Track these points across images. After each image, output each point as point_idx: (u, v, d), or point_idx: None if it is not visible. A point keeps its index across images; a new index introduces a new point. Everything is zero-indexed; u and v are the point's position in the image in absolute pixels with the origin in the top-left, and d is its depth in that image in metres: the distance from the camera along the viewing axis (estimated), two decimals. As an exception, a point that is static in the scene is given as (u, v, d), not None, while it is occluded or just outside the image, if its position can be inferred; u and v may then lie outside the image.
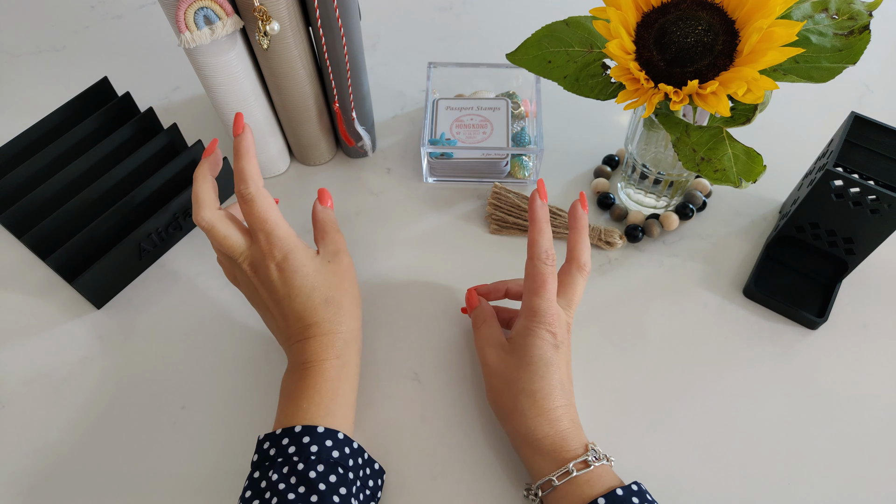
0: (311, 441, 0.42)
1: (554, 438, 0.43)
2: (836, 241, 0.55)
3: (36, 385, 0.53)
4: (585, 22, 0.50)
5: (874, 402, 0.51)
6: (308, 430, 0.42)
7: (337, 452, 0.42)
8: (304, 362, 0.46)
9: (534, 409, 0.44)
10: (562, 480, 0.42)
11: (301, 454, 0.41)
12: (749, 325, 0.55)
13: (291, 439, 0.42)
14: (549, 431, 0.44)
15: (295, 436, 0.42)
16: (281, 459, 0.41)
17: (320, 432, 0.42)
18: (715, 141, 0.46)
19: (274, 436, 0.43)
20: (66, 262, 0.53)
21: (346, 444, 0.43)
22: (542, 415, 0.44)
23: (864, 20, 0.43)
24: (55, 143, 0.57)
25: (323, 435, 0.42)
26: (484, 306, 0.52)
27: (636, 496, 0.41)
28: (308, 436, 0.42)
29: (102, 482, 0.48)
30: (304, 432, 0.42)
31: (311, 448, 0.41)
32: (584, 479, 0.42)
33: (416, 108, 0.71)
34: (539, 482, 0.43)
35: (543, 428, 0.44)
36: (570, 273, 0.48)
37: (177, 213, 0.58)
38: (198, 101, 0.72)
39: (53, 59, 0.76)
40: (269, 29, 0.50)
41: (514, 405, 0.44)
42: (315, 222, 0.52)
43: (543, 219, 0.47)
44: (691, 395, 0.52)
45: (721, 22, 0.43)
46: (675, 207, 0.61)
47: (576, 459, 0.42)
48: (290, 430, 0.42)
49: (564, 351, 0.46)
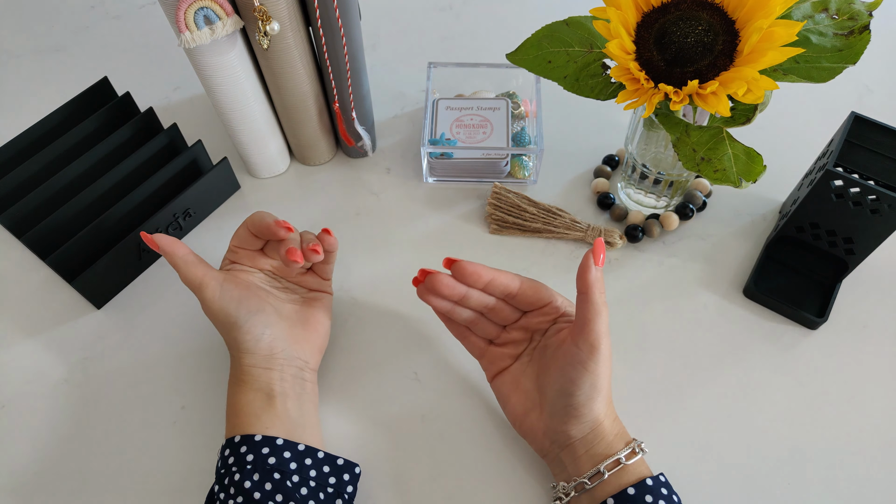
0: (248, 450, 0.43)
1: (618, 418, 0.45)
2: (836, 241, 0.55)
3: (36, 385, 0.53)
4: (585, 22, 0.50)
5: (874, 401, 0.51)
6: (245, 440, 0.44)
7: (273, 459, 0.43)
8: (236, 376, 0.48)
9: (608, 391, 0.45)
10: (630, 460, 0.43)
11: (239, 464, 0.43)
12: (749, 325, 0.55)
13: (231, 450, 0.44)
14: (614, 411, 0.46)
15: (234, 446, 0.44)
16: (223, 471, 0.44)
17: (257, 440, 0.44)
18: (715, 141, 0.46)
19: (221, 448, 0.45)
20: (66, 262, 0.53)
21: (286, 449, 0.44)
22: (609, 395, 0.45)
23: (864, 20, 0.43)
24: (55, 143, 0.57)
25: (260, 443, 0.44)
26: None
27: (664, 487, 0.43)
28: (245, 445, 0.44)
29: (102, 482, 0.48)
30: (242, 442, 0.44)
31: (248, 457, 0.43)
32: (640, 462, 0.43)
33: (416, 108, 0.71)
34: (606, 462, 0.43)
35: (611, 408, 0.45)
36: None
37: (177, 213, 0.58)
38: (198, 101, 0.72)
39: (53, 59, 0.76)
40: (269, 29, 0.50)
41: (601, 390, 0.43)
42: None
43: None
44: (691, 395, 0.52)
45: (721, 22, 0.43)
46: (675, 207, 0.61)
47: (635, 441, 0.44)
48: (231, 440, 0.45)
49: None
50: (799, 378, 0.53)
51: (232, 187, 0.64)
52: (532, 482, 0.48)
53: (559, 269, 0.59)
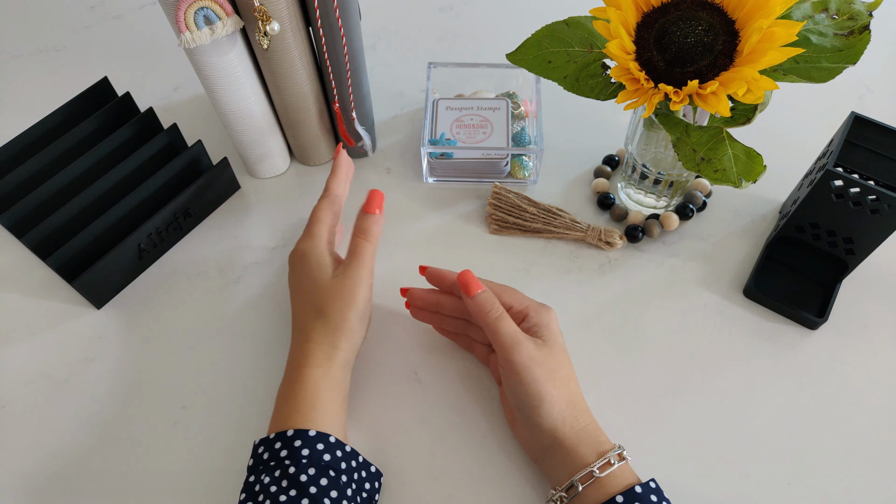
0: (303, 445, 0.42)
1: (594, 427, 0.45)
2: (836, 242, 0.55)
3: (36, 385, 0.53)
4: (585, 22, 0.50)
5: (874, 402, 0.51)
6: (300, 434, 0.42)
7: (328, 456, 0.42)
8: (290, 366, 0.47)
9: (573, 398, 0.45)
10: (603, 472, 0.42)
11: (292, 458, 0.42)
12: (749, 326, 0.55)
13: (284, 443, 0.42)
14: (589, 420, 0.45)
15: (287, 440, 0.42)
16: (273, 463, 0.42)
17: (312, 436, 0.43)
18: (715, 141, 0.46)
19: (267, 440, 0.43)
20: (67, 262, 0.53)
21: (337, 448, 0.43)
22: (579, 404, 0.45)
23: (864, 20, 0.43)
24: (55, 144, 0.57)
25: (314, 438, 0.43)
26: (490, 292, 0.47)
27: (654, 493, 0.42)
28: (300, 439, 0.42)
29: (103, 482, 0.48)
30: (295, 436, 0.42)
31: (303, 452, 0.42)
32: (620, 471, 0.42)
33: (416, 108, 0.71)
34: (580, 474, 0.42)
35: (584, 416, 0.45)
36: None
37: (177, 213, 0.58)
38: (198, 101, 0.72)
39: (53, 59, 0.76)
40: (269, 29, 0.50)
41: (559, 395, 0.44)
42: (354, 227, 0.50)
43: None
44: (691, 395, 0.52)
45: (721, 22, 0.43)
46: (675, 207, 0.61)
47: (612, 451, 0.43)
48: (283, 434, 0.43)
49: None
50: (799, 378, 0.53)
51: (232, 187, 0.64)
52: (532, 482, 0.48)
53: (559, 269, 0.59)
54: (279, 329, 0.55)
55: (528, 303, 0.48)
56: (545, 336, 0.46)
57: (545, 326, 0.46)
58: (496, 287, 0.49)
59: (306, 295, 0.49)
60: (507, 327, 0.45)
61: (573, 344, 0.54)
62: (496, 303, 0.46)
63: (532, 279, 0.58)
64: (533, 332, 0.46)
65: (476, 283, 0.46)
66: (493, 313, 0.45)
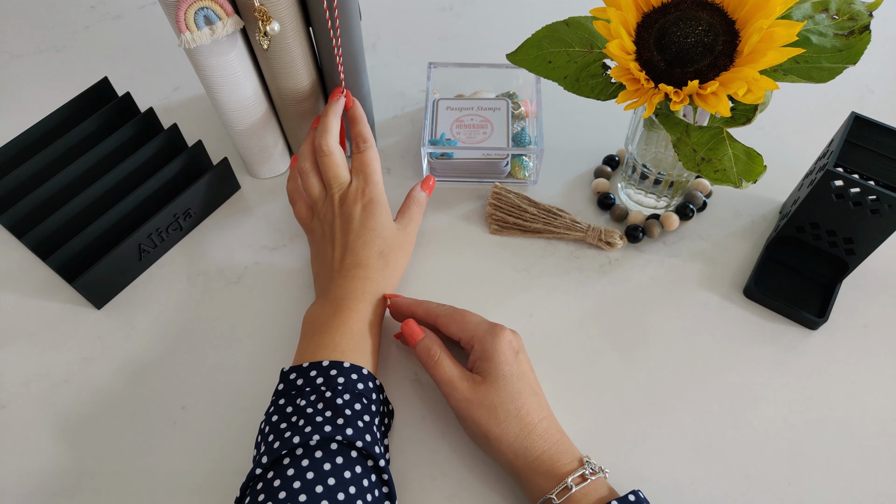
0: (338, 374, 0.45)
1: (550, 453, 0.43)
2: (837, 242, 0.55)
3: (36, 385, 0.53)
4: (585, 22, 0.50)
5: (874, 401, 0.51)
6: (335, 365, 0.45)
7: (361, 385, 0.45)
8: (339, 298, 0.49)
9: (523, 430, 0.44)
10: (561, 498, 0.42)
11: (328, 384, 0.44)
12: (749, 326, 0.55)
13: (319, 371, 0.45)
14: (544, 446, 0.44)
15: (322, 369, 0.45)
16: (309, 389, 0.44)
17: (346, 367, 0.45)
18: (715, 141, 0.46)
19: (301, 368, 0.45)
20: (67, 262, 0.53)
21: (369, 380, 0.46)
22: (532, 433, 0.44)
23: (864, 20, 0.43)
24: (55, 144, 0.57)
25: (349, 370, 0.45)
26: (431, 339, 0.49)
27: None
28: (335, 369, 0.45)
29: (102, 482, 0.48)
30: (331, 366, 0.45)
31: (339, 380, 0.44)
32: (582, 494, 0.42)
33: (416, 108, 0.71)
34: (539, 502, 0.43)
35: (537, 445, 0.44)
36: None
37: (177, 213, 0.58)
38: (198, 101, 0.72)
39: (53, 59, 0.76)
40: (269, 29, 0.50)
41: (503, 432, 0.44)
42: (407, 198, 0.58)
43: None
44: (692, 395, 0.52)
45: (721, 22, 0.43)
46: (676, 208, 0.61)
47: (573, 474, 0.42)
48: (318, 363, 0.45)
49: (524, 356, 0.47)
50: (799, 378, 0.53)
51: (232, 187, 0.64)
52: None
53: (559, 269, 0.59)
54: (279, 329, 0.55)
55: (476, 331, 0.47)
56: (485, 370, 0.46)
57: (487, 360, 0.46)
58: (447, 316, 0.49)
59: (371, 235, 0.52)
60: (443, 373, 0.47)
61: (573, 344, 0.54)
62: (433, 348, 0.48)
63: (532, 279, 0.58)
64: (476, 368, 0.47)
65: (416, 331, 0.49)
66: (430, 361, 0.48)
